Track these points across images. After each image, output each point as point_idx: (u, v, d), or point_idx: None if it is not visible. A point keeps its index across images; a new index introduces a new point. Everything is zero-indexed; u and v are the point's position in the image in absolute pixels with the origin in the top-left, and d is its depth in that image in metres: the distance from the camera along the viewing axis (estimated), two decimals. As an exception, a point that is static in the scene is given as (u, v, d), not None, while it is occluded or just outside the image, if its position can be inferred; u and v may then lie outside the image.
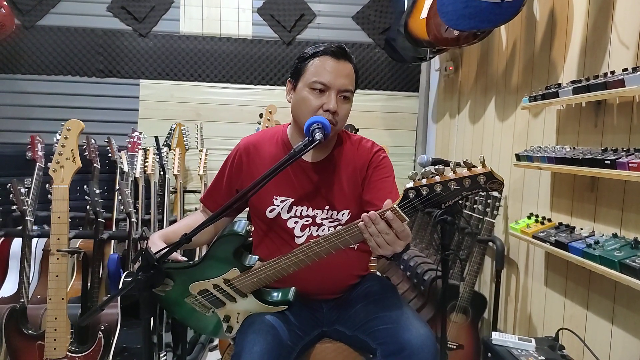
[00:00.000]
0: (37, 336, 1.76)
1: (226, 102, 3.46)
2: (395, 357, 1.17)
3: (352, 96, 1.33)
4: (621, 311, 1.58)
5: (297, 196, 1.37)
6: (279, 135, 1.43)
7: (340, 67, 1.28)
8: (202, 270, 1.29)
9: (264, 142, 1.43)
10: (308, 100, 1.29)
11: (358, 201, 1.39)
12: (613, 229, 1.60)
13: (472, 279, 2.21)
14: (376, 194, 1.33)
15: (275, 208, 1.37)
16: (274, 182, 1.31)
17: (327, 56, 1.29)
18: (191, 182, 3.36)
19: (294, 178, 1.37)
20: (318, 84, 1.27)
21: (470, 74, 2.90)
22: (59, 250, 1.62)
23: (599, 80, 1.51)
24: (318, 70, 1.28)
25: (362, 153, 1.41)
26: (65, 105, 3.31)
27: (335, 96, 1.27)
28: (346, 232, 1.13)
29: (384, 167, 1.40)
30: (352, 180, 1.39)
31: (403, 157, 3.62)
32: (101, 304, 1.21)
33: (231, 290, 1.29)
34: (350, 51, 1.33)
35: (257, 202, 1.39)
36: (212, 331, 1.38)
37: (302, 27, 3.51)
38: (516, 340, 1.60)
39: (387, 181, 1.37)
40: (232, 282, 1.27)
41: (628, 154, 1.39)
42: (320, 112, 1.27)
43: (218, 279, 1.28)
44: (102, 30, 3.33)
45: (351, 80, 1.31)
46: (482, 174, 1.00)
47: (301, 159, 1.32)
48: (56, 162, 1.66)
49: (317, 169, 1.38)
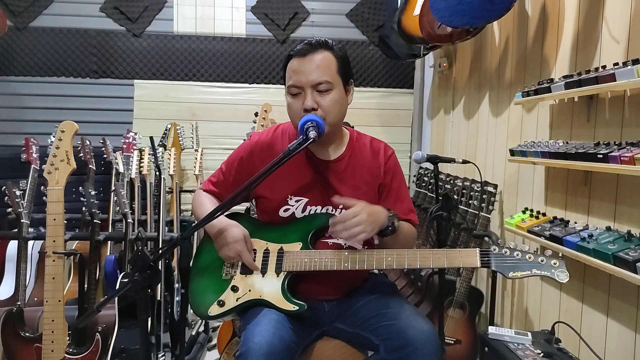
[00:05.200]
0: (35, 338, 1.76)
1: (221, 101, 3.46)
2: (399, 352, 1.19)
3: (333, 85, 1.29)
4: (616, 303, 1.60)
5: (312, 196, 1.37)
6: (286, 131, 1.44)
7: (307, 63, 1.27)
8: (270, 231, 1.36)
9: (276, 138, 1.43)
10: (291, 105, 1.32)
11: (373, 203, 1.36)
12: (606, 222, 1.61)
13: (469, 274, 2.22)
14: (398, 205, 1.41)
15: (290, 208, 1.38)
16: (290, 182, 1.35)
17: (294, 58, 1.30)
18: (187, 182, 3.35)
19: (308, 178, 1.37)
20: (292, 88, 1.30)
21: (464, 70, 2.91)
22: (54, 252, 1.62)
23: (590, 75, 1.52)
24: (289, 74, 1.31)
25: (377, 155, 1.43)
26: (59, 106, 3.29)
27: (310, 93, 1.27)
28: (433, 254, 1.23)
29: (398, 172, 1.46)
30: (367, 182, 1.40)
31: (398, 153, 3.49)
32: (98, 305, 1.20)
33: (275, 262, 1.31)
34: (323, 40, 1.30)
35: (271, 201, 1.39)
36: (203, 300, 1.34)
37: (296, 25, 3.50)
38: (513, 334, 1.61)
39: (404, 189, 1.47)
40: (284, 254, 1.31)
41: (620, 147, 1.40)
42: (302, 113, 1.27)
43: (276, 244, 1.33)
44: (95, 30, 3.31)
45: (325, 70, 1.27)
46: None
47: (317, 158, 1.37)
48: (50, 164, 1.65)
49: (333, 168, 1.39)
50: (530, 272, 1.16)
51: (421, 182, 3.07)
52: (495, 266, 1.19)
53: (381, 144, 1.47)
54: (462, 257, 1.23)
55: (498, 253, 1.20)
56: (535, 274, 1.16)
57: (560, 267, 1.15)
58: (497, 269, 1.19)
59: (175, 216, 2.79)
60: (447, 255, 1.24)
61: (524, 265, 1.17)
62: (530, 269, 1.16)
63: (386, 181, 1.42)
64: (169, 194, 2.90)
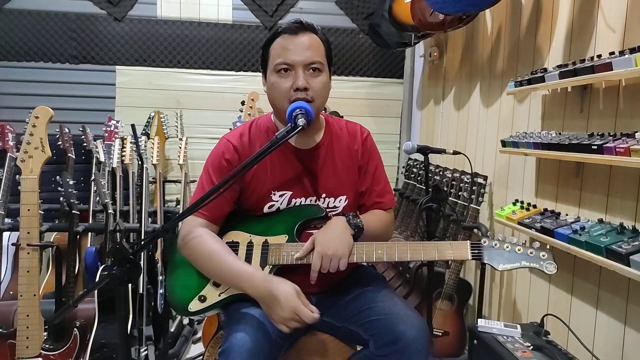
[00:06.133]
0: (8, 334, 1.68)
1: (207, 89, 3.37)
2: (389, 348, 1.15)
3: (324, 67, 1.26)
4: (605, 296, 1.59)
5: (295, 188, 1.32)
6: (262, 125, 1.36)
7: (299, 41, 1.23)
8: (254, 223, 1.30)
9: (252, 135, 1.34)
10: (278, 84, 1.24)
11: (354, 187, 1.37)
12: (598, 215, 1.60)
13: (458, 266, 2.21)
14: (375, 185, 1.40)
15: (275, 204, 1.32)
16: (271, 178, 1.29)
17: (284, 35, 1.24)
18: (171, 172, 3.27)
19: (290, 170, 1.31)
20: (282, 64, 1.22)
21: (455, 60, 2.87)
22: (29, 244, 1.55)
23: (586, 64, 1.49)
24: (279, 51, 1.24)
25: (354, 137, 1.39)
26: (37, 92, 3.16)
27: (302, 72, 1.22)
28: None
29: (375, 153, 1.42)
30: (347, 166, 1.36)
31: (388, 144, 3.58)
32: (74, 300, 1.15)
33: (260, 255, 1.26)
34: (311, 23, 1.26)
35: (255, 200, 1.32)
36: (182, 295, 1.28)
37: (284, 12, 3.42)
38: (502, 327, 1.59)
39: (381, 170, 1.43)
40: (269, 247, 1.26)
41: (615, 138, 1.38)
42: (291, 93, 1.22)
43: (261, 237, 1.28)
44: (75, 14, 3.18)
45: (317, 51, 1.24)
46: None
47: (295, 148, 1.31)
48: (24, 152, 1.57)
49: (312, 157, 1.33)
50: (520, 264, 1.18)
51: (410, 173, 3.04)
52: (487, 258, 1.20)
53: (357, 125, 1.43)
54: (453, 250, 1.22)
55: (488, 245, 1.20)
56: (525, 265, 1.18)
57: (549, 259, 1.16)
58: (488, 262, 1.20)
59: (158, 207, 2.72)
60: (438, 247, 1.22)
61: (513, 257, 1.19)
62: (520, 261, 1.18)
63: (363, 162, 1.38)
64: (152, 185, 2.82)
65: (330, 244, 1.20)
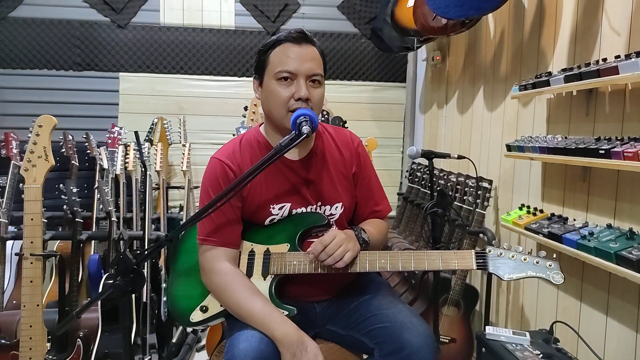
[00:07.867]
0: (11, 345, 1.67)
1: (209, 94, 3.37)
2: (395, 356, 1.13)
3: (322, 80, 1.26)
4: (616, 302, 1.56)
5: (294, 199, 1.30)
6: (253, 139, 1.32)
7: (303, 52, 1.22)
8: (256, 232, 1.28)
9: (243, 151, 1.30)
10: (277, 92, 1.21)
11: (349, 194, 1.36)
12: (606, 220, 1.57)
13: (464, 272, 2.18)
14: (370, 194, 1.41)
15: (275, 217, 1.30)
16: (270, 191, 1.28)
17: (287, 43, 1.22)
18: (175, 178, 3.27)
19: (285, 181, 1.30)
20: (284, 72, 1.21)
21: (457, 64, 2.86)
22: (32, 254, 1.54)
23: (591, 68, 1.47)
24: (281, 59, 1.21)
25: (345, 145, 1.38)
26: (41, 100, 3.17)
27: (304, 83, 1.21)
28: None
29: (368, 161, 1.43)
30: (343, 174, 1.35)
31: (391, 148, 3.57)
32: (77, 311, 1.14)
33: (261, 264, 1.24)
34: (311, 34, 1.26)
35: (255, 215, 1.30)
36: (184, 305, 1.27)
37: (286, 17, 3.42)
38: (510, 334, 1.56)
39: (375, 178, 1.44)
40: (271, 256, 1.25)
41: (623, 143, 1.36)
42: (291, 102, 1.20)
43: (262, 246, 1.26)
44: (78, 21, 3.20)
45: (318, 64, 1.24)
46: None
47: (289, 159, 1.29)
48: (27, 161, 1.57)
49: (306, 166, 1.32)
50: (526, 273, 1.17)
51: (414, 177, 3.02)
52: (492, 268, 1.18)
53: (346, 132, 1.42)
54: (457, 259, 1.21)
55: (493, 255, 1.19)
56: (531, 275, 1.16)
57: (555, 268, 1.15)
58: (493, 271, 1.19)
59: (162, 214, 2.70)
60: (442, 257, 1.21)
61: (519, 267, 1.17)
62: (526, 271, 1.17)
63: (357, 170, 1.38)
64: (155, 191, 2.82)
65: (345, 235, 1.21)
